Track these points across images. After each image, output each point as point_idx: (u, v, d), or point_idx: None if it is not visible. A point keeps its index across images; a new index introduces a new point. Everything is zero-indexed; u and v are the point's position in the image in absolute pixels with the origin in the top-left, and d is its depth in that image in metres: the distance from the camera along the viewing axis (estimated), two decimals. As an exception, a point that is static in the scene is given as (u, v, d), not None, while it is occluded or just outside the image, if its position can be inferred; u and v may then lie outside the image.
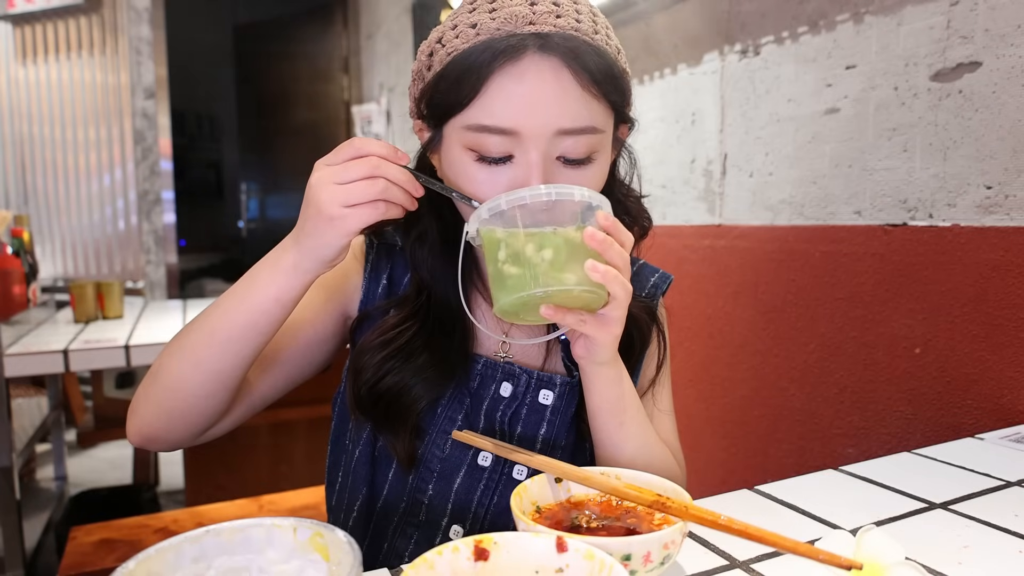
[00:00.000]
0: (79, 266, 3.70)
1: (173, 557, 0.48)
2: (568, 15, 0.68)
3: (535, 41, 0.66)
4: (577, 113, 0.67)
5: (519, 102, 0.65)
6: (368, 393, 0.76)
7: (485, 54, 0.66)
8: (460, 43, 0.68)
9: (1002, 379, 1.06)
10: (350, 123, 4.17)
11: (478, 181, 0.68)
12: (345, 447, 0.84)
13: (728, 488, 0.76)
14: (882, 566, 0.49)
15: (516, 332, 0.83)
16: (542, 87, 0.65)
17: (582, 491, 0.65)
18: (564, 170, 0.69)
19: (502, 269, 0.63)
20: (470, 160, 0.69)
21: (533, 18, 0.67)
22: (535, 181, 0.66)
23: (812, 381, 1.38)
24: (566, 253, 0.62)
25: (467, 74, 0.66)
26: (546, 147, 0.67)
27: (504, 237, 0.63)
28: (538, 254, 0.62)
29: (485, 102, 0.66)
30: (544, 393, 0.79)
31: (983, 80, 1.08)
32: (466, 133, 0.68)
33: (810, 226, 1.39)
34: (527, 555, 0.49)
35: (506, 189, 0.67)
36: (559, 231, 0.62)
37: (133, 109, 3.65)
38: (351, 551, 0.46)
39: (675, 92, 1.74)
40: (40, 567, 2.28)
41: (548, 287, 0.61)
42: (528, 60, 0.65)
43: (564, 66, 0.66)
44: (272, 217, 5.24)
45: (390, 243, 0.85)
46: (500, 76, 0.65)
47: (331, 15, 4.32)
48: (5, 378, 1.68)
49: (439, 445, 0.78)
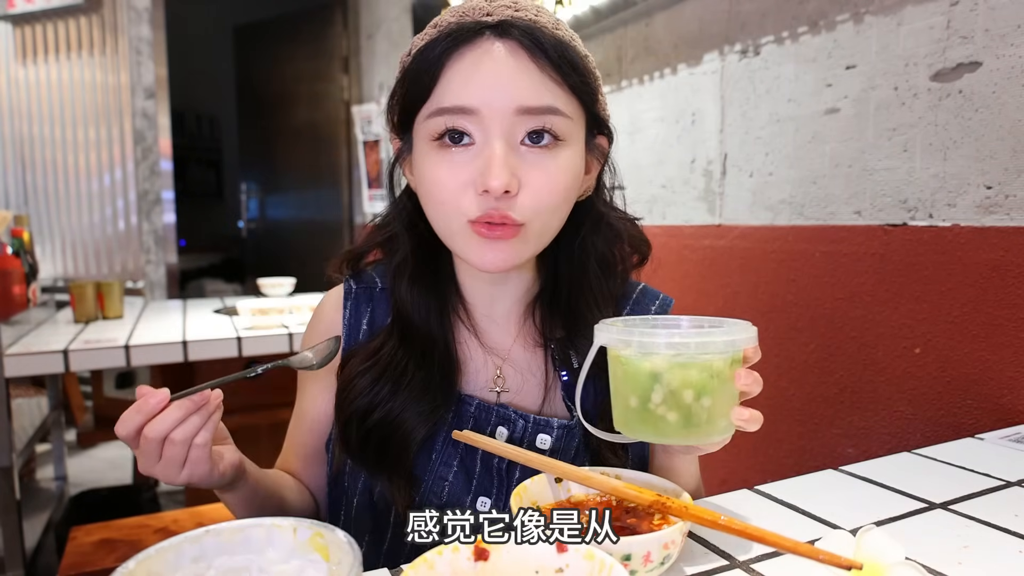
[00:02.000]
0: (79, 266, 3.70)
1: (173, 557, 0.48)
2: (526, 10, 0.69)
3: (492, 28, 0.66)
4: (537, 92, 0.66)
5: (477, 81, 0.65)
6: (357, 431, 0.75)
7: (442, 43, 0.67)
8: (420, 41, 0.70)
9: (1002, 379, 1.06)
10: (350, 123, 4.17)
11: (444, 174, 0.67)
12: (344, 489, 0.82)
13: (728, 488, 0.76)
14: (882, 566, 0.49)
15: (508, 370, 0.81)
16: (499, 66, 0.66)
17: (582, 491, 0.65)
18: (530, 155, 0.67)
19: (653, 410, 0.59)
20: (436, 153, 0.68)
21: (490, 9, 0.68)
22: (495, 161, 0.64)
23: (812, 381, 1.38)
24: (720, 395, 0.59)
25: (426, 65, 0.67)
26: (508, 127, 0.66)
27: (659, 373, 0.58)
28: (698, 403, 0.58)
29: (443, 86, 0.67)
30: (542, 438, 0.77)
31: (983, 80, 1.08)
32: (428, 123, 0.68)
33: (810, 226, 1.39)
34: (527, 555, 0.49)
35: (471, 177, 0.66)
36: (713, 368, 0.58)
37: (133, 109, 3.65)
38: (351, 551, 0.46)
39: (675, 92, 1.74)
40: (40, 567, 2.28)
41: (707, 438, 0.60)
42: (485, 42, 0.66)
43: (521, 48, 0.66)
44: (272, 217, 5.24)
45: (369, 286, 0.84)
46: (456, 60, 0.66)
47: (331, 15, 4.32)
48: (5, 378, 1.68)
49: (436, 493, 0.76)
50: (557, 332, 0.81)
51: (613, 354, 0.62)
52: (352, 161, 4.30)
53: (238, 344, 1.93)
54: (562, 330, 0.80)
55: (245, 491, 0.73)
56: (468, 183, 0.66)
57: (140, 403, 0.62)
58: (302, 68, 4.59)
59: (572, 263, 0.80)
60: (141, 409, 0.62)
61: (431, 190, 0.69)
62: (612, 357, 0.62)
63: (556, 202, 0.69)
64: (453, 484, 0.76)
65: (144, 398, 0.62)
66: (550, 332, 0.81)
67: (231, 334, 1.95)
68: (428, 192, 0.70)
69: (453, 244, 0.72)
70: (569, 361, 0.80)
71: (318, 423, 0.84)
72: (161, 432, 0.61)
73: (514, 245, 0.69)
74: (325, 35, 4.38)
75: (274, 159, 5.02)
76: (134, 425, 0.62)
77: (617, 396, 0.63)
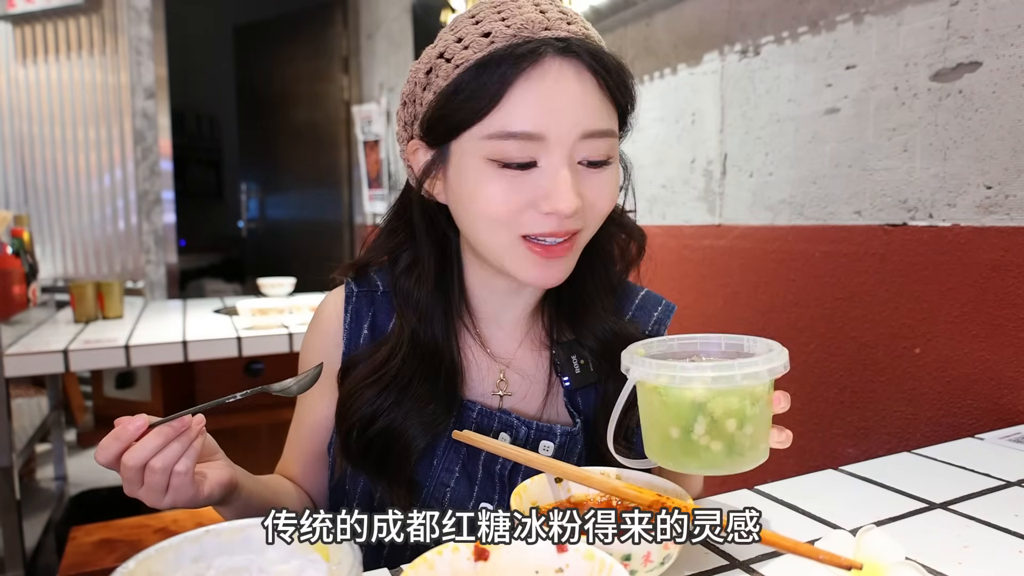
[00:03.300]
0: (79, 266, 3.70)
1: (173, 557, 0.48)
2: (577, 22, 0.68)
3: (555, 45, 0.65)
4: (599, 116, 0.67)
5: (545, 105, 0.64)
6: (358, 439, 0.74)
7: (505, 60, 0.64)
8: (471, 53, 0.66)
9: (1002, 379, 1.06)
10: (350, 123, 4.17)
11: (501, 192, 0.66)
12: (345, 493, 0.82)
13: (728, 488, 0.76)
14: (882, 566, 0.49)
15: (512, 375, 0.80)
16: (566, 89, 0.65)
17: (582, 491, 0.65)
18: (587, 174, 0.68)
19: (696, 441, 0.58)
20: (492, 171, 0.66)
21: (548, 24, 0.66)
22: (564, 186, 0.64)
23: (812, 381, 1.38)
24: (760, 421, 0.59)
25: (486, 82, 0.64)
26: (571, 150, 0.66)
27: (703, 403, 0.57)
28: (740, 431, 0.57)
29: (508, 108, 0.64)
30: (544, 444, 0.77)
31: (983, 80, 1.08)
32: (486, 143, 0.66)
33: (810, 226, 1.39)
34: (527, 555, 0.49)
35: (531, 198, 0.66)
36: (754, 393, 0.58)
37: (133, 109, 3.65)
38: (351, 551, 0.46)
39: (675, 92, 1.74)
40: (40, 567, 2.28)
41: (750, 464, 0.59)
42: (550, 63, 0.64)
43: (586, 68, 0.65)
44: (272, 217, 5.24)
45: (371, 289, 0.83)
46: (523, 80, 0.64)
47: (331, 15, 4.32)
48: (5, 378, 1.68)
49: (437, 499, 0.76)
50: (565, 334, 0.81)
51: (647, 385, 0.60)
52: (352, 161, 4.30)
53: (238, 344, 1.93)
54: (570, 332, 0.80)
55: (238, 505, 0.72)
56: (528, 204, 0.66)
57: (118, 430, 0.61)
58: (302, 68, 4.59)
59: (580, 261, 0.80)
60: (119, 436, 0.61)
61: (484, 208, 0.67)
62: (646, 388, 0.60)
63: (607, 212, 0.71)
64: (455, 490, 0.76)
65: (122, 425, 0.61)
66: (558, 334, 0.81)
67: (231, 334, 1.95)
68: (479, 209, 0.68)
69: (502, 259, 0.71)
70: (571, 366, 0.79)
71: (318, 429, 0.83)
72: (140, 460, 0.61)
73: (568, 260, 0.71)
74: (325, 35, 4.38)
75: (274, 159, 5.02)
76: (112, 453, 0.61)
77: (653, 426, 0.61)
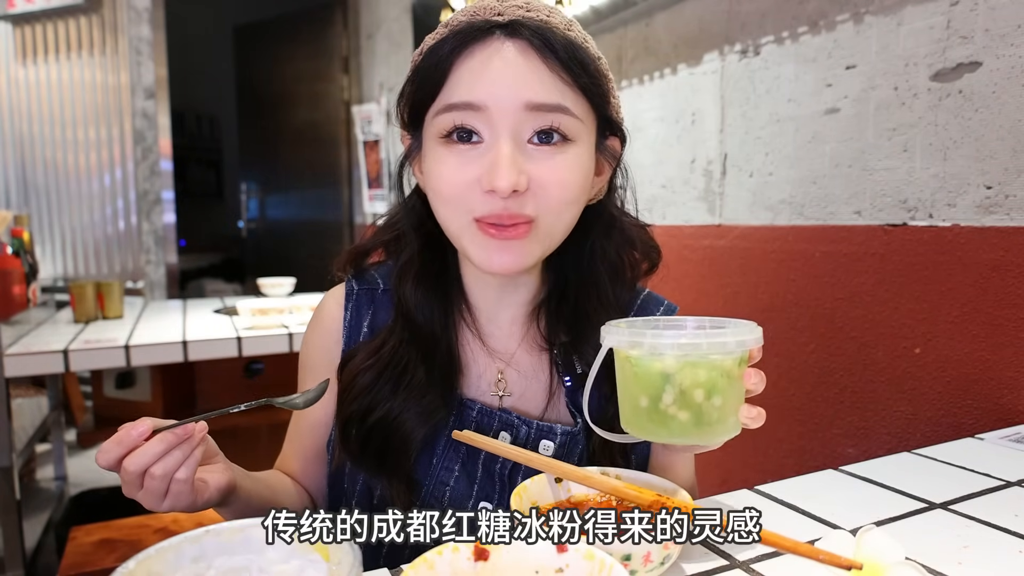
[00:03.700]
0: (79, 266, 3.70)
1: (173, 557, 0.48)
2: (538, 11, 0.69)
3: (502, 27, 0.67)
4: (546, 90, 0.66)
5: (486, 77, 0.66)
6: (357, 432, 0.75)
7: (453, 41, 0.67)
8: (431, 40, 0.70)
9: (1002, 379, 1.06)
10: (350, 123, 4.17)
11: (450, 170, 0.67)
12: (343, 489, 0.82)
13: (728, 488, 0.76)
14: (882, 566, 0.49)
15: (511, 374, 0.80)
16: (508, 64, 0.66)
17: (582, 491, 0.65)
18: (538, 153, 0.67)
19: (664, 410, 0.59)
20: (444, 149, 0.68)
21: (501, 9, 0.68)
22: (503, 161, 0.64)
23: (812, 381, 1.38)
24: (730, 394, 0.60)
25: (435, 62, 0.68)
26: (515, 125, 0.65)
27: (671, 374, 0.58)
28: (708, 402, 0.59)
29: (452, 83, 0.67)
30: (544, 444, 0.77)
31: (983, 80, 1.08)
32: (437, 120, 0.68)
33: (810, 226, 1.39)
34: (527, 555, 0.49)
35: (478, 175, 0.65)
36: (723, 367, 0.59)
37: (133, 109, 3.65)
38: (351, 551, 0.46)
39: (675, 92, 1.74)
40: (40, 567, 2.28)
41: (717, 437, 0.61)
42: (495, 41, 0.66)
43: (531, 47, 0.66)
44: (272, 217, 5.24)
45: (372, 287, 0.84)
46: (466, 57, 0.66)
47: (331, 15, 4.32)
48: (5, 378, 1.68)
49: (437, 497, 0.76)
50: (561, 337, 0.80)
51: (622, 355, 0.62)
52: (352, 161, 4.30)
53: (238, 344, 1.93)
54: (567, 335, 0.80)
55: (237, 506, 0.72)
56: (475, 181, 0.66)
57: (121, 434, 0.62)
58: (302, 68, 4.59)
59: (581, 268, 0.79)
60: (121, 441, 0.61)
61: (438, 187, 0.69)
62: (621, 358, 0.62)
63: (566, 199, 0.68)
64: (455, 488, 0.76)
65: (125, 429, 0.62)
66: (554, 337, 0.80)
67: (231, 334, 1.95)
68: (436, 189, 0.70)
69: (460, 243, 0.71)
70: (573, 367, 0.79)
71: (318, 425, 0.84)
72: (141, 466, 0.61)
73: (524, 246, 0.68)
74: (325, 35, 4.38)
75: (274, 159, 5.02)
76: (113, 457, 0.62)
77: (626, 396, 0.63)
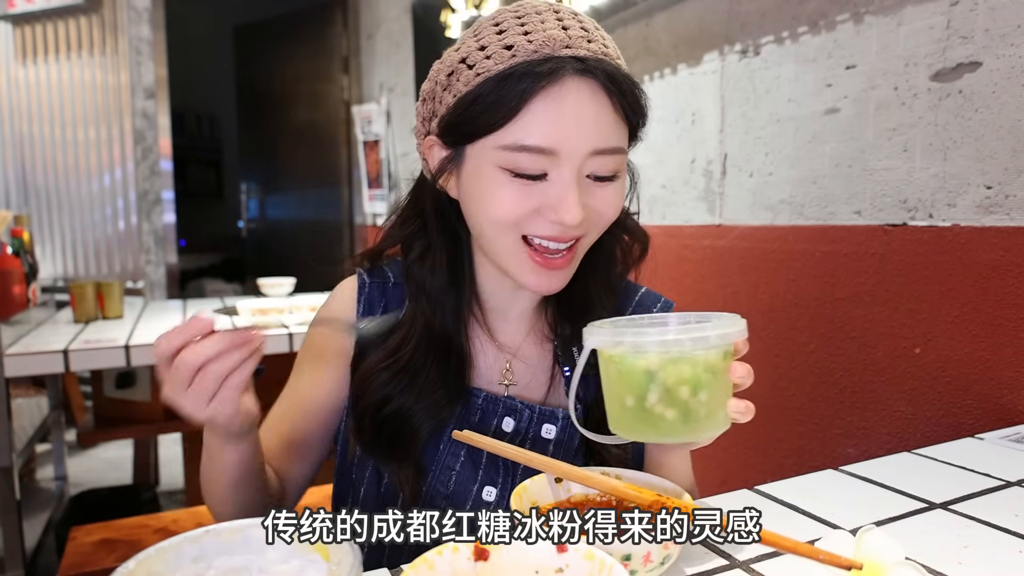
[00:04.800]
0: (79, 266, 3.70)
1: (173, 557, 0.48)
2: (597, 40, 0.70)
3: (574, 64, 0.67)
4: (610, 134, 0.69)
5: (560, 123, 0.67)
6: (371, 422, 0.77)
7: (526, 76, 0.66)
8: (493, 64, 0.68)
9: (1002, 379, 1.06)
10: (350, 123, 4.17)
11: (510, 198, 0.69)
12: (352, 481, 0.84)
13: (728, 488, 0.76)
14: (882, 566, 0.49)
15: (518, 365, 0.83)
16: (582, 109, 0.67)
17: (582, 491, 0.65)
18: (593, 187, 0.71)
19: (650, 409, 0.59)
20: (504, 179, 0.69)
21: (569, 42, 0.68)
22: (570, 200, 0.67)
23: (812, 381, 1.38)
24: (716, 389, 0.59)
25: (506, 95, 0.67)
26: (580, 165, 0.68)
27: (654, 371, 0.58)
28: (695, 398, 0.58)
29: (525, 123, 0.67)
30: (547, 427, 0.79)
31: (983, 80, 1.08)
32: (500, 152, 0.68)
33: (810, 226, 1.39)
34: (527, 555, 0.49)
35: (539, 206, 0.69)
36: (708, 363, 0.58)
37: (133, 109, 3.65)
38: (351, 551, 0.46)
39: (675, 92, 1.74)
40: (40, 567, 2.28)
41: (705, 433, 0.60)
42: (568, 82, 0.67)
43: (601, 88, 0.68)
44: (272, 217, 5.24)
45: (383, 280, 0.85)
46: (541, 97, 0.66)
47: (331, 15, 4.31)
48: (5, 378, 1.68)
49: (443, 482, 0.78)
50: (567, 328, 0.83)
51: (605, 355, 0.62)
52: (352, 161, 4.30)
53: (238, 344, 1.93)
54: (570, 325, 0.82)
55: (249, 448, 0.70)
56: (535, 211, 0.69)
57: (187, 324, 0.60)
58: (302, 68, 4.59)
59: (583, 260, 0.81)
60: (185, 331, 0.60)
61: (494, 212, 0.70)
62: (604, 358, 0.62)
63: (610, 221, 0.74)
64: (460, 474, 0.78)
65: (191, 321, 0.60)
66: (560, 328, 0.84)
67: (231, 334, 1.95)
68: (487, 212, 0.71)
69: (502, 260, 0.74)
70: (572, 358, 0.82)
71: (316, 408, 0.83)
72: (198, 359, 0.59)
73: (568, 270, 0.74)
74: (325, 35, 4.38)
75: (274, 159, 5.02)
76: (174, 345, 0.60)
77: (611, 397, 0.62)
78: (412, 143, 0.80)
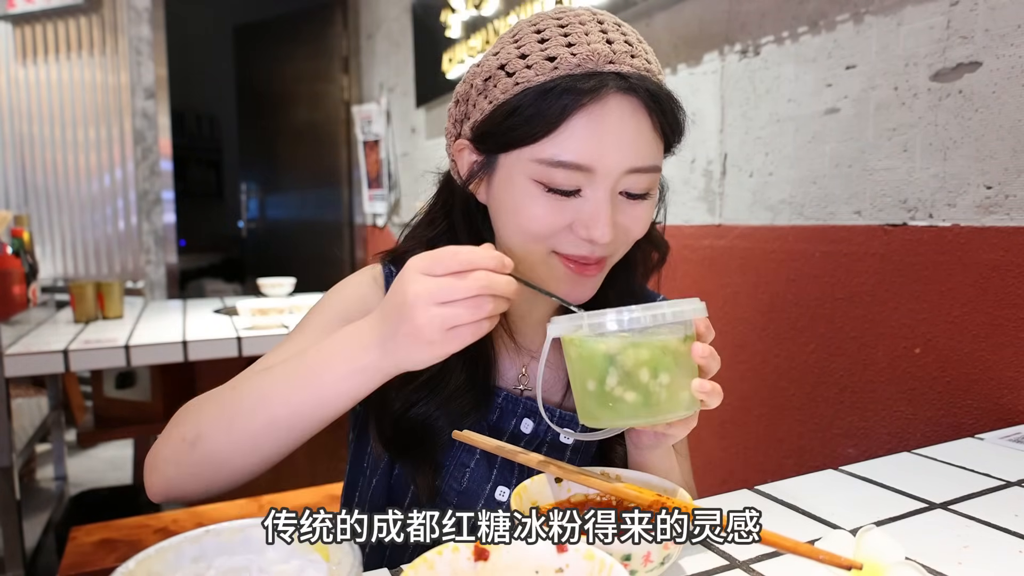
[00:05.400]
0: (79, 266, 3.70)
1: (173, 557, 0.48)
2: (640, 55, 0.69)
3: (617, 82, 0.66)
4: (647, 153, 0.68)
5: (599, 141, 0.66)
6: (392, 425, 0.76)
7: (568, 92, 0.65)
8: (534, 75, 0.67)
9: (1002, 379, 1.06)
10: (350, 123, 4.17)
11: (542, 212, 0.68)
12: (363, 470, 0.83)
13: (728, 488, 0.76)
14: (882, 566, 0.49)
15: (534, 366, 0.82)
16: (622, 127, 0.66)
17: (582, 491, 0.65)
18: (625, 204, 0.70)
19: (610, 392, 0.59)
20: (537, 192, 0.68)
21: (613, 57, 0.67)
22: (603, 218, 0.66)
23: (812, 381, 1.38)
24: (677, 372, 0.59)
25: (546, 109, 0.65)
26: (615, 183, 0.68)
27: (614, 354, 0.58)
28: (655, 380, 0.58)
29: (563, 138, 0.66)
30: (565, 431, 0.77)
31: (983, 80, 1.08)
32: (535, 166, 0.67)
33: (810, 226, 1.39)
34: (527, 555, 0.49)
35: (571, 222, 0.68)
36: (668, 346, 0.59)
37: (133, 109, 3.65)
38: (351, 551, 0.46)
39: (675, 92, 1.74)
40: (40, 567, 2.28)
41: (667, 414, 0.60)
42: (611, 100, 0.66)
43: (642, 106, 0.67)
44: (272, 217, 5.24)
45: None
46: (582, 114, 0.65)
47: (331, 15, 4.32)
48: (5, 378, 1.68)
49: (456, 478, 0.78)
50: None
51: (566, 339, 0.61)
52: (352, 161, 4.30)
53: (238, 344, 1.93)
54: None
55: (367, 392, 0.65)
56: (566, 225, 0.69)
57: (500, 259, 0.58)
58: (302, 68, 4.60)
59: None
60: (503, 261, 0.59)
61: (527, 225, 0.69)
62: (565, 343, 0.62)
63: (639, 236, 0.74)
64: (474, 471, 0.78)
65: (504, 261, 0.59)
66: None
67: (231, 334, 1.95)
68: (518, 223, 0.70)
69: (535, 271, 0.72)
70: None
71: None
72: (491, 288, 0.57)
73: (599, 278, 0.74)
74: (325, 35, 4.38)
75: (274, 159, 5.02)
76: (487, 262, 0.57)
77: (576, 384, 0.62)
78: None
